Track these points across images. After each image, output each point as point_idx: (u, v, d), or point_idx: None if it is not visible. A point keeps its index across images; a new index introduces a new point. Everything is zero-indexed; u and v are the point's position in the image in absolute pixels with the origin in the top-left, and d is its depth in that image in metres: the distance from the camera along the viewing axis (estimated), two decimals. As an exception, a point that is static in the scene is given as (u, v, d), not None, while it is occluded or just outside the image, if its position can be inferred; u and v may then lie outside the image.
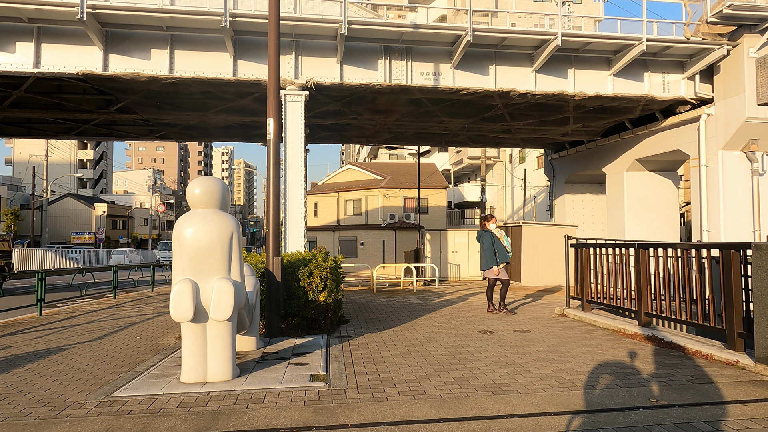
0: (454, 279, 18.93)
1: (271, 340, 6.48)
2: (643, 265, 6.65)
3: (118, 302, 11.65)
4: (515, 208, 36.13)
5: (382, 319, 8.40)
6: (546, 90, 13.01)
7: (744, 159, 13.39)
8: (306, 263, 7.08)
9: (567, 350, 5.83)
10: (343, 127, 17.15)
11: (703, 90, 13.69)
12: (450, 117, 15.76)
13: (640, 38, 12.23)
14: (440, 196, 35.70)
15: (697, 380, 4.49)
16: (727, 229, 13.28)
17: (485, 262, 9.07)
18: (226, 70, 11.76)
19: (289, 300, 6.93)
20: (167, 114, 15.05)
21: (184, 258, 4.52)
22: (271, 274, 6.64)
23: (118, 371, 5.11)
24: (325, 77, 12.14)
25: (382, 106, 14.54)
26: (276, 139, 6.77)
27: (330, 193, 37.52)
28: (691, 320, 5.79)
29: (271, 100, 6.81)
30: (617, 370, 4.85)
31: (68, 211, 54.59)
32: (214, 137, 19.01)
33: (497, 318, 8.43)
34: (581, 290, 8.30)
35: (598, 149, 18.35)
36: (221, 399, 4.11)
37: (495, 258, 8.94)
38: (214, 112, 14.96)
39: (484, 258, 9.09)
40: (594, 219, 20.65)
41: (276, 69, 6.88)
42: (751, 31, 12.58)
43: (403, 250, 29.47)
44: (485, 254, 9.07)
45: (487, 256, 9.01)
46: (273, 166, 6.78)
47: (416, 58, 12.61)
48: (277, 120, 6.79)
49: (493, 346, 6.09)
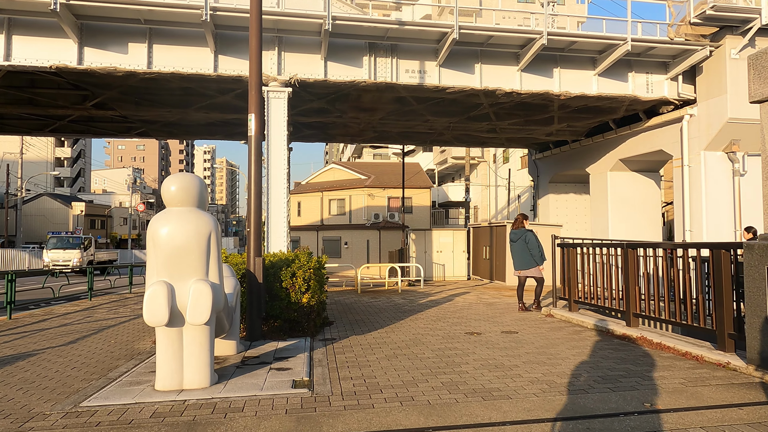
0: (439, 279, 18.82)
1: (252, 344, 6.25)
2: (632, 265, 6.58)
3: (94, 304, 11.27)
4: (499, 207, 36.25)
5: (366, 321, 8.21)
6: (531, 89, 12.96)
7: (725, 159, 13.52)
8: (289, 264, 6.87)
9: (556, 352, 5.71)
10: (327, 125, 16.92)
11: (685, 91, 13.80)
12: (435, 116, 15.65)
13: (625, 38, 12.25)
14: (425, 195, 35.64)
15: (690, 383, 4.39)
16: (709, 228, 13.38)
17: (523, 261, 8.99)
18: (207, 66, 11.46)
19: (271, 302, 6.71)
20: (146, 110, 14.65)
21: (158, 259, 4.28)
22: (252, 275, 6.41)
23: (89, 378, 4.84)
24: (308, 74, 11.91)
25: (366, 104, 14.35)
26: (257, 136, 6.54)
27: (314, 192, 37.20)
28: (680, 321, 5.72)
29: (253, 95, 6.58)
30: (608, 373, 4.74)
31: (44, 211, 53.29)
32: (196, 135, 18.62)
33: (483, 319, 8.31)
34: (568, 290, 8.22)
35: (582, 149, 18.41)
36: (198, 408, 3.89)
37: (531, 257, 8.86)
38: (194, 109, 14.62)
39: (522, 257, 9.01)
40: (577, 219, 20.74)
41: (258, 63, 6.65)
42: (733, 32, 12.71)
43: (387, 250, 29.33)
44: (523, 253, 8.99)
45: (526, 255, 8.93)
46: (254, 164, 6.55)
47: (402, 55, 12.45)
48: (258, 116, 6.56)
49: (481, 349, 5.95)
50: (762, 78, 4.44)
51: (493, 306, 10.03)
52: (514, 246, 9.21)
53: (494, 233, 17.52)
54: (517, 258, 9.13)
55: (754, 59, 4.51)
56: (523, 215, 9.56)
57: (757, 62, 4.47)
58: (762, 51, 4.48)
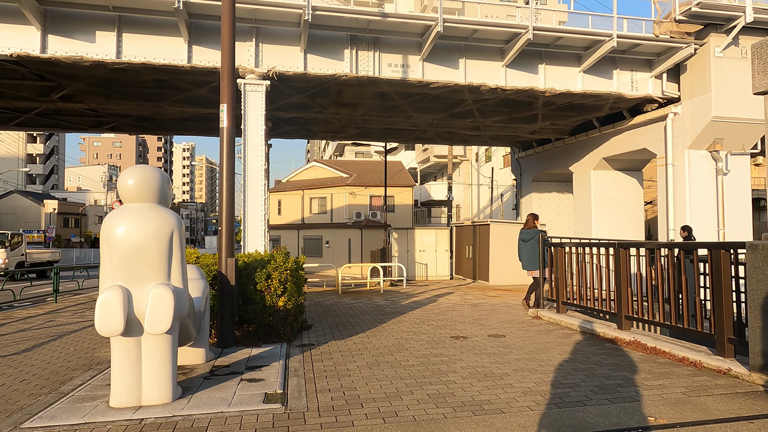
0: (422, 279, 18.52)
1: (223, 351, 5.82)
2: (624, 266, 6.32)
3: (59, 307, 10.65)
4: (481, 206, 36.14)
5: (347, 324, 7.83)
6: (516, 85, 12.71)
7: (709, 158, 13.46)
8: (264, 265, 6.44)
9: (547, 358, 5.41)
10: (307, 121, 16.45)
11: (670, 89, 13.71)
12: (418, 112, 15.31)
13: (611, 34, 12.07)
14: (407, 194, 35.34)
15: (693, 392, 4.12)
16: (692, 227, 13.29)
17: (534, 261, 8.70)
18: (180, 57, 10.93)
19: (245, 305, 6.28)
20: (117, 103, 14.01)
21: (113, 260, 3.84)
22: (224, 277, 5.98)
23: (38, 393, 4.37)
24: (287, 66, 11.46)
25: (348, 99, 13.94)
26: (230, 127, 6.10)
27: (294, 190, 36.61)
28: (675, 324, 5.47)
29: (225, 84, 6.14)
30: (605, 382, 4.44)
31: (15, 208, 51.55)
32: (171, 130, 17.98)
33: (469, 321, 7.99)
34: (556, 291, 7.95)
35: (565, 148, 18.28)
36: (156, 428, 3.46)
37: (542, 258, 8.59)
38: (169, 103, 14.03)
39: (533, 257, 8.72)
40: (560, 218, 20.64)
41: (230, 49, 6.22)
42: (718, 30, 12.63)
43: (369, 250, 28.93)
44: (534, 253, 8.69)
45: (536, 255, 8.62)
46: (227, 157, 6.10)
47: (384, 49, 12.07)
48: (231, 107, 6.12)
49: (468, 355, 5.62)
50: (766, 69, 4.18)
51: (478, 307, 9.74)
52: (526, 246, 9.02)
53: (477, 232, 17.28)
54: (530, 258, 8.91)
55: (759, 48, 4.25)
56: (533, 215, 9.30)
57: (762, 51, 4.21)
58: (765, 40, 4.22)
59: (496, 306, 9.88)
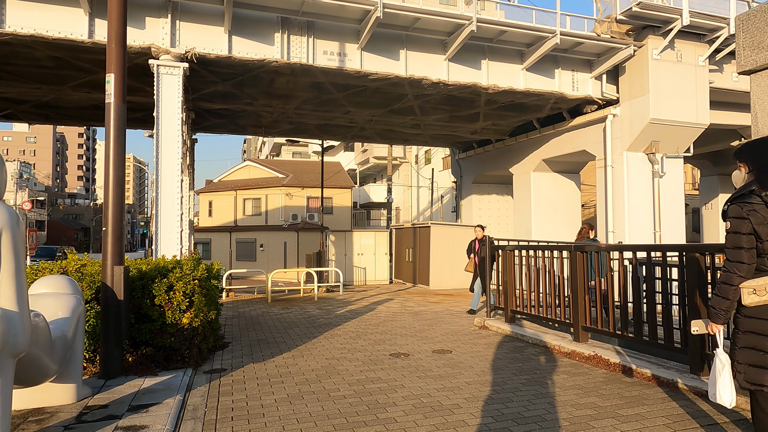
0: (360, 283, 17.62)
1: (106, 383, 4.61)
2: (580, 271, 5.70)
3: None
4: (421, 209, 35.81)
5: (272, 340, 6.77)
6: (459, 80, 12.11)
7: (646, 160, 13.50)
8: (165, 273, 5.28)
9: (502, 380, 4.64)
10: (236, 113, 15.12)
11: (609, 90, 13.65)
12: (356, 107, 14.42)
13: (554, 31, 11.74)
14: (345, 196, 34.38)
15: (678, 423, 3.45)
16: (631, 229, 13.28)
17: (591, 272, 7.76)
18: (80, 30, 9.43)
19: (139, 324, 5.09)
20: (7, 86, 12.11)
21: None
22: (109, 290, 4.78)
23: None
24: (209, 48, 10.22)
25: (280, 89, 12.81)
26: (119, 102, 4.91)
27: (227, 191, 34.64)
28: (642, 338, 4.86)
29: (113, 49, 4.95)
30: (575, 413, 3.71)
31: None
32: (79, 120, 16.01)
33: (411, 334, 7.15)
34: (505, 299, 7.28)
35: (505, 149, 18.02)
36: None
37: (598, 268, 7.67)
38: (72, 87, 12.30)
39: None
40: (500, 220, 20.43)
41: (121, 5, 5.02)
42: (655, 32, 12.66)
43: (306, 253, 27.70)
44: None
45: None
46: (114, 141, 4.90)
47: (319, 35, 11.08)
48: (120, 76, 4.94)
49: (411, 378, 4.75)
50: (755, 43, 3.62)
51: (419, 316, 8.94)
52: None
53: (418, 235, 16.61)
54: None
55: (745, 21, 3.68)
56: (589, 224, 8.36)
57: (749, 24, 3.64)
58: (753, 11, 3.66)
59: (439, 314, 9.13)
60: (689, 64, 12.98)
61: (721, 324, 2.61)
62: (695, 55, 13.05)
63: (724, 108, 15.23)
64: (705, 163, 20.61)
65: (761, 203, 2.42)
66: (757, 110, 3.67)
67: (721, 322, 2.59)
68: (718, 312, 2.57)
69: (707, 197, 20.60)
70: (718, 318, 2.58)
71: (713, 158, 20.18)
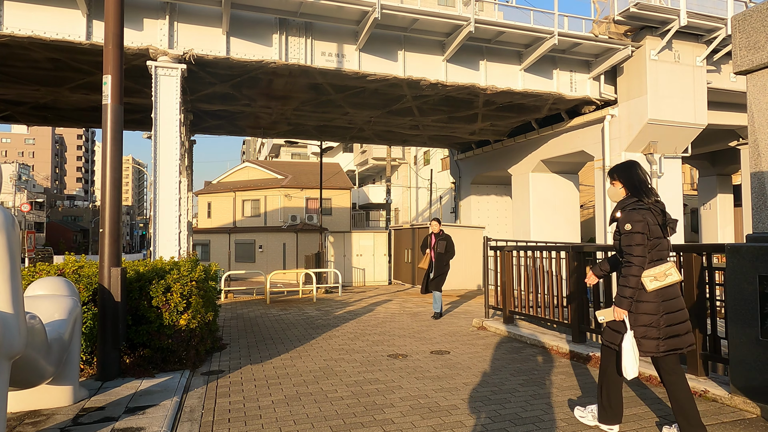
0: (359, 284, 17.62)
1: (103, 385, 4.60)
2: (579, 272, 5.70)
3: None
4: (420, 209, 35.81)
5: (270, 342, 6.76)
6: (457, 81, 12.12)
7: (644, 161, 13.48)
8: (162, 275, 5.27)
9: (500, 381, 4.64)
10: (234, 115, 15.12)
11: (607, 91, 13.66)
12: (355, 108, 14.42)
13: (552, 32, 11.75)
14: (344, 197, 34.39)
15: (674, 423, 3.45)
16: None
17: None
18: (78, 32, 9.43)
19: (136, 326, 5.08)
20: (6, 88, 12.11)
21: None
22: (106, 291, 4.77)
23: None
24: (208, 50, 10.22)
25: (279, 91, 12.81)
26: (116, 104, 4.90)
27: (226, 192, 34.66)
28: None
29: (110, 50, 4.94)
30: (572, 416, 3.70)
31: None
32: (77, 121, 16.01)
33: (409, 335, 7.15)
34: (503, 299, 7.28)
35: (504, 150, 18.04)
36: None
37: None
38: (70, 89, 12.31)
39: None
40: (499, 220, 20.43)
41: (118, 6, 5.02)
42: (653, 33, 12.68)
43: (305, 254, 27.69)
44: None
45: None
46: (111, 142, 4.89)
47: (318, 36, 11.09)
48: (117, 78, 4.93)
49: (408, 379, 4.75)
50: (751, 43, 3.62)
51: (418, 317, 8.94)
52: None
53: (416, 235, 16.60)
54: None
55: (741, 20, 3.69)
56: None
57: (745, 24, 3.65)
58: (750, 11, 3.67)
59: (438, 315, 9.10)
60: (687, 64, 13.00)
61: (625, 309, 3.07)
62: (693, 56, 13.07)
63: (722, 108, 15.26)
64: (703, 163, 20.65)
65: (647, 209, 3.12)
66: (753, 110, 3.67)
67: (625, 307, 3.07)
68: (625, 299, 3.06)
69: (705, 197, 20.63)
70: (622, 304, 3.08)
71: (711, 158, 20.22)
